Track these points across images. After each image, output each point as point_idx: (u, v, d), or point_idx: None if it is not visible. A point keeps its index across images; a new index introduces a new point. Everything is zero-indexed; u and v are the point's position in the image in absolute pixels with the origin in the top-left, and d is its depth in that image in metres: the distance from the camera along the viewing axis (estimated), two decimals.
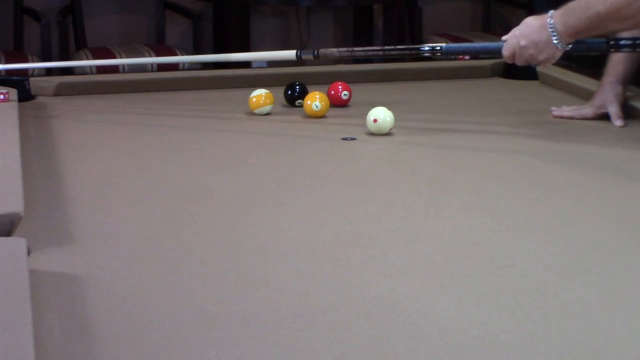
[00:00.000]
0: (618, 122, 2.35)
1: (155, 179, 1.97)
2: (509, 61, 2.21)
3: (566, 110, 2.46)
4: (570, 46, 2.13)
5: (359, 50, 2.47)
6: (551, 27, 2.12)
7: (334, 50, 2.42)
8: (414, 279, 1.45)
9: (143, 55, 4.56)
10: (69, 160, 2.06)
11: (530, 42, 2.14)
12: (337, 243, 1.60)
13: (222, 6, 4.92)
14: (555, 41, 2.12)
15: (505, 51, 2.19)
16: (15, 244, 1.42)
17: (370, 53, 2.53)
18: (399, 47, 2.51)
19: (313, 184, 1.95)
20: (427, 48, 2.30)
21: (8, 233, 1.52)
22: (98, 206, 1.79)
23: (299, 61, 2.43)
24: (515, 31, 2.18)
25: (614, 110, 2.37)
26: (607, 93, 2.39)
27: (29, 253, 1.44)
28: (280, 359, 1.19)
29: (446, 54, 2.32)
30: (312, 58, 2.40)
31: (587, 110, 2.43)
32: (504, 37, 2.21)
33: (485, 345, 1.22)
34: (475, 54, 2.87)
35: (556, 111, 2.47)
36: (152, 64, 4.48)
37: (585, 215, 1.76)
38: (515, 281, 1.44)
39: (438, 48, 2.29)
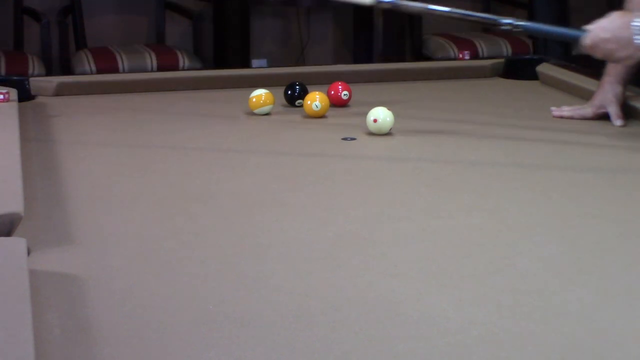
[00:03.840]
0: (618, 122, 2.35)
1: (155, 179, 1.97)
2: (588, 51, 2.15)
3: (566, 110, 2.46)
4: None
5: (436, 9, 2.32)
6: (636, 28, 2.06)
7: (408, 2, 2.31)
8: (414, 279, 1.45)
9: (143, 55, 4.55)
10: (69, 160, 2.06)
11: (613, 36, 2.10)
12: (337, 243, 1.60)
13: (222, 6, 4.92)
14: (638, 42, 2.06)
15: (587, 40, 2.13)
16: (15, 244, 1.42)
17: (446, 14, 2.40)
18: (478, 14, 2.37)
19: (313, 184, 1.95)
20: (507, 21, 2.22)
21: (8, 233, 1.52)
22: (98, 206, 1.79)
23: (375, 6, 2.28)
24: (602, 22, 2.13)
25: (613, 110, 2.37)
26: (607, 93, 2.39)
27: (29, 253, 1.44)
28: (280, 359, 1.19)
29: (524, 31, 2.25)
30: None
31: (587, 110, 2.43)
32: (588, 27, 2.15)
33: (485, 345, 1.22)
34: (553, 38, 2.74)
35: (556, 111, 2.47)
36: (151, 65, 4.49)
37: (585, 215, 1.76)
38: (515, 281, 1.44)
39: (518, 24, 2.23)
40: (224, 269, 1.48)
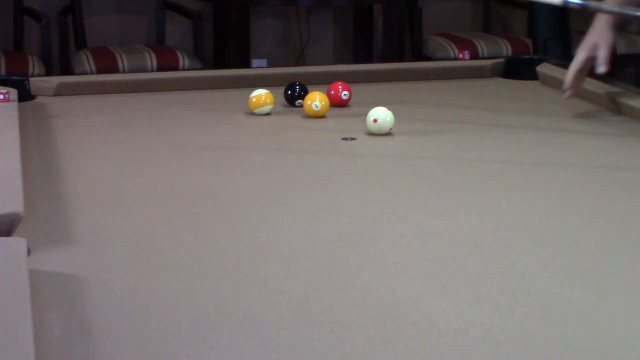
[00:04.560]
0: (602, 69, 2.32)
1: (155, 179, 1.97)
2: None
3: (569, 82, 2.40)
4: None
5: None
6: None
7: None
8: (414, 279, 1.45)
9: (143, 55, 4.55)
10: (69, 160, 2.06)
11: None
12: (337, 243, 1.60)
13: (222, 6, 4.92)
14: None
15: None
16: (15, 244, 1.42)
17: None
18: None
19: (313, 184, 1.95)
20: None
21: (8, 233, 1.52)
22: (98, 206, 1.79)
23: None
24: None
25: (602, 54, 2.33)
26: (600, 36, 2.35)
27: (29, 253, 1.44)
28: (280, 359, 1.19)
29: None
30: None
31: (579, 55, 2.38)
32: None
33: (485, 345, 1.22)
34: None
35: (568, 91, 2.41)
36: (151, 65, 4.49)
37: (585, 215, 1.76)
38: (515, 281, 1.44)
39: None
40: (224, 269, 1.48)
